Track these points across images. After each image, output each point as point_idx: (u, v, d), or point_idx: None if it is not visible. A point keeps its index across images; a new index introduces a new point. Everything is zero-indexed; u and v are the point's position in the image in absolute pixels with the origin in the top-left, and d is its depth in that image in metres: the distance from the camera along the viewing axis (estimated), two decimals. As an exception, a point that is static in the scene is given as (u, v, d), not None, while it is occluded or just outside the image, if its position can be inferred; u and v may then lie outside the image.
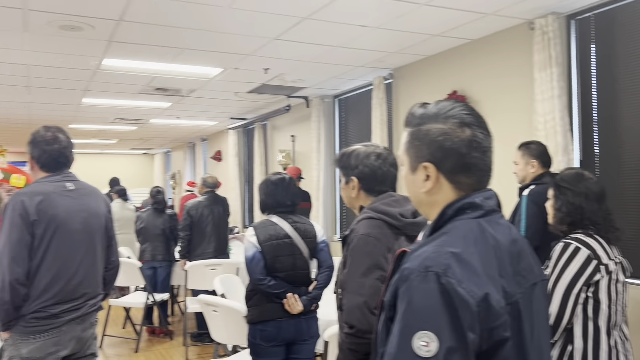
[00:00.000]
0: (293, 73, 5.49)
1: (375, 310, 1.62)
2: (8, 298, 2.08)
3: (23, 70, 5.25)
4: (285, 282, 2.64)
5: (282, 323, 2.61)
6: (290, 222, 2.73)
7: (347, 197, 1.88)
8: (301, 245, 2.69)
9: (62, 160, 2.32)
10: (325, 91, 6.50)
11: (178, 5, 3.50)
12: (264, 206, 2.82)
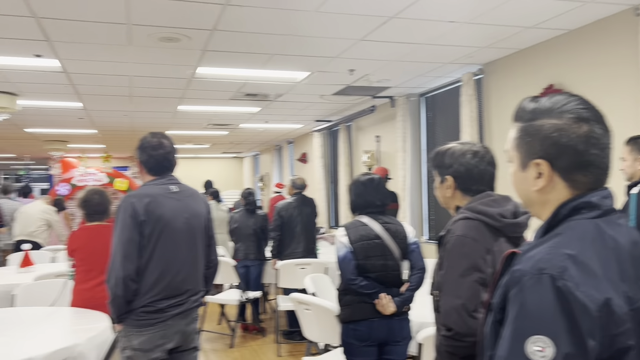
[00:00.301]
0: (378, 73, 5.47)
1: (474, 313, 1.58)
2: (121, 293, 2.25)
3: (126, 81, 5.66)
4: (376, 283, 2.64)
5: (374, 323, 2.61)
6: (381, 223, 2.72)
7: (442, 196, 1.85)
8: (392, 246, 2.68)
9: (167, 164, 2.48)
10: (411, 90, 6.41)
11: (268, 13, 3.61)
12: (354, 206, 2.84)
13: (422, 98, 6.69)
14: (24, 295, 3.80)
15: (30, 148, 12.17)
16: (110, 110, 7.40)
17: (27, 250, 5.06)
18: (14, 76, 5.22)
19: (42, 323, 2.91)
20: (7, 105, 5.87)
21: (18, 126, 8.68)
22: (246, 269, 5.58)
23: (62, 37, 4.04)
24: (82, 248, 3.48)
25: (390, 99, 6.71)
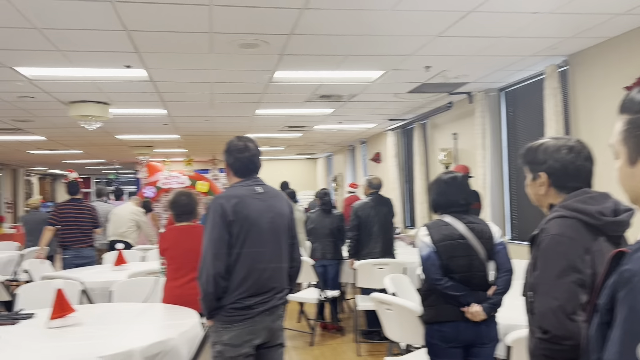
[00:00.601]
0: (456, 69, 5.35)
1: (573, 316, 1.51)
2: (212, 290, 2.36)
3: (207, 88, 5.90)
4: (461, 285, 2.58)
5: (459, 325, 2.56)
6: (465, 222, 2.66)
7: (535, 194, 1.78)
8: (477, 247, 2.61)
9: (252, 166, 2.57)
10: (490, 85, 6.22)
11: (343, 14, 3.64)
12: (435, 206, 2.80)
13: (502, 93, 6.46)
14: (119, 291, 4.06)
15: (120, 153, 12.97)
16: (192, 116, 7.74)
17: (120, 250, 5.40)
18: (106, 86, 5.59)
19: (137, 318, 3.10)
20: (100, 114, 6.30)
21: (109, 133, 9.28)
22: (324, 268, 5.64)
23: (149, 48, 4.28)
24: (172, 247, 3.67)
25: (467, 95, 6.55)
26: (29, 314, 3.16)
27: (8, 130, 8.50)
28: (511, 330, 2.51)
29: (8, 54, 4.28)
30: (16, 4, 3.24)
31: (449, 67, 5.28)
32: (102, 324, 2.97)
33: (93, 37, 3.94)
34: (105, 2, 3.25)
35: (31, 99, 6.05)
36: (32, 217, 8.04)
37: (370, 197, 5.45)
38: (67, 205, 5.97)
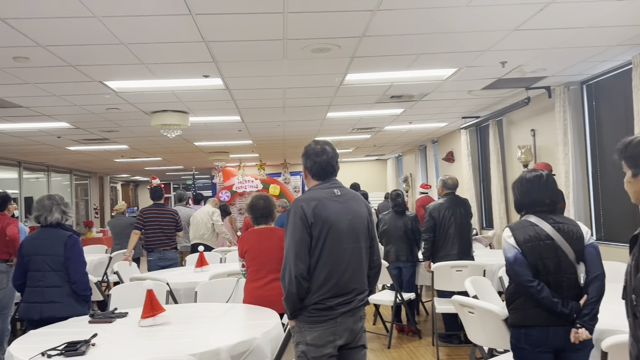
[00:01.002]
0: (533, 63, 5.14)
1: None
2: (294, 290, 2.41)
3: (280, 94, 6.02)
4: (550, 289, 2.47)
5: (549, 329, 2.46)
6: (551, 223, 2.55)
7: (635, 191, 1.68)
8: (565, 248, 2.49)
9: (329, 169, 2.60)
10: (571, 78, 5.92)
11: (415, 14, 3.60)
12: (519, 206, 2.70)
13: (584, 86, 6.14)
14: (202, 292, 4.23)
15: (197, 159, 13.51)
16: (265, 121, 7.93)
17: (202, 252, 5.63)
18: (185, 96, 5.85)
19: (222, 318, 3.21)
20: (180, 123, 6.60)
21: (188, 140, 9.70)
22: (398, 270, 5.60)
23: (226, 58, 4.44)
24: (252, 249, 3.78)
25: (546, 89, 6.27)
26: (124, 313, 3.36)
27: (96, 140, 9.10)
28: (606, 335, 2.38)
29: (98, 69, 4.59)
30: (106, 23, 3.47)
31: (526, 62, 5.09)
32: (189, 323, 3.12)
33: (174, 50, 4.14)
34: (186, 15, 3.41)
35: (117, 110, 6.44)
36: (118, 222, 8.53)
37: (445, 197, 5.35)
38: (151, 210, 6.30)
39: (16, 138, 8.40)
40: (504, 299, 3.80)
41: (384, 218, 5.88)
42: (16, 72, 4.55)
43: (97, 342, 2.73)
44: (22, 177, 12.03)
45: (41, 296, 3.51)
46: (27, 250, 3.60)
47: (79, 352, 2.51)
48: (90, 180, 16.33)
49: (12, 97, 5.46)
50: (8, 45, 3.83)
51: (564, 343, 2.46)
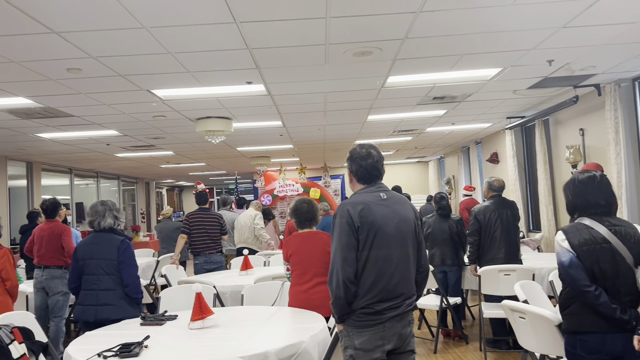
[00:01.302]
0: (582, 60, 4.99)
1: None
2: (342, 294, 2.41)
3: (321, 98, 6.05)
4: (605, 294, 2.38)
5: (606, 336, 2.37)
6: (607, 225, 2.46)
7: None
8: (623, 252, 2.40)
9: (375, 173, 2.60)
10: (622, 74, 5.71)
11: (459, 14, 3.56)
12: (572, 208, 2.62)
13: (636, 82, 5.90)
14: (248, 295, 4.28)
15: (239, 164, 13.72)
16: (305, 125, 7.98)
17: (246, 255, 5.71)
18: (229, 102, 5.95)
19: (268, 321, 3.25)
20: (224, 129, 6.72)
21: (231, 146, 9.86)
22: (444, 274, 5.52)
23: (268, 64, 4.50)
24: (296, 253, 3.81)
25: (595, 87, 6.06)
26: (173, 316, 3.45)
27: (142, 147, 9.37)
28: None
29: (146, 78, 4.73)
30: (154, 33, 3.57)
31: (574, 59, 4.94)
32: (236, 326, 3.16)
33: (219, 57, 4.22)
34: (230, 23, 3.47)
35: (163, 117, 6.61)
36: (165, 226, 8.74)
37: (491, 200, 5.24)
38: (196, 214, 6.43)
39: (68, 146, 8.74)
40: (555, 303, 3.69)
41: (428, 221, 5.81)
42: (69, 83, 4.74)
43: (150, 344, 2.81)
44: (73, 183, 12.51)
45: (96, 299, 3.64)
46: (81, 255, 3.74)
47: (132, 353, 2.59)
48: (137, 185, 16.82)
49: (65, 106, 5.69)
50: (62, 58, 4.00)
51: (623, 350, 2.37)
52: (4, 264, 4.16)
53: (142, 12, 3.18)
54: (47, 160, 10.74)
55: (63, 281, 5.30)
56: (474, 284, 5.40)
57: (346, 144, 10.81)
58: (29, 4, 2.98)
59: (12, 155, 9.64)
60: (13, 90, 4.88)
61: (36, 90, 4.92)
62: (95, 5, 3.04)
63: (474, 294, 7.20)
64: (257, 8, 3.24)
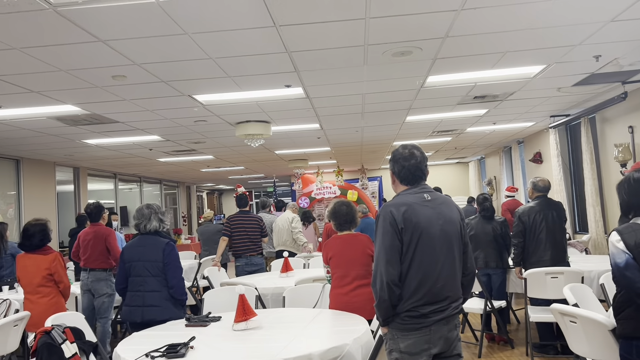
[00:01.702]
0: (631, 55, 4.80)
1: None
2: (386, 297, 2.38)
3: (359, 99, 6.03)
4: None
5: (665, 341, 2.26)
6: (665, 225, 2.35)
7: None
8: (683, 252, 2.29)
9: (418, 174, 2.56)
10: (675, 69, 5.46)
11: (502, 10, 3.48)
12: (626, 208, 2.52)
13: (690, 76, 5.64)
14: (290, 297, 4.30)
15: (278, 167, 13.83)
16: (343, 127, 7.97)
17: (286, 257, 5.73)
18: (268, 106, 6.00)
19: (311, 323, 3.24)
20: (263, 132, 6.78)
21: (269, 149, 9.95)
22: (488, 277, 5.40)
23: (307, 67, 4.51)
24: (336, 256, 3.79)
25: (645, 82, 5.83)
26: (217, 317, 3.49)
27: (184, 152, 9.56)
28: None
29: (188, 84, 4.82)
30: (196, 39, 3.64)
31: (623, 54, 4.75)
32: (279, 328, 3.17)
33: (258, 61, 4.26)
34: (270, 27, 3.50)
35: (204, 122, 6.73)
36: (206, 229, 8.88)
37: (536, 200, 5.10)
38: (237, 217, 6.50)
39: (113, 152, 9.00)
40: (606, 307, 3.56)
41: (470, 223, 5.70)
42: (114, 90, 4.88)
43: (195, 344, 2.85)
44: (117, 188, 12.88)
45: (142, 300, 3.72)
46: (128, 257, 3.84)
47: (179, 354, 2.63)
48: (178, 189, 17.17)
49: (110, 113, 5.87)
50: (108, 65, 4.12)
51: (685, 357, 2.26)
52: (55, 267, 4.31)
53: (185, 18, 3.25)
54: (93, 166, 11.10)
55: (108, 283, 5.44)
56: (519, 287, 5.26)
57: (384, 146, 10.74)
58: (77, 14, 3.08)
59: (60, 161, 10.01)
60: (61, 98, 5.05)
61: (83, 98, 5.08)
62: (140, 13, 3.12)
63: (518, 297, 7.01)
64: (296, 11, 3.26)
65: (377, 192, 15.72)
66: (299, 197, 14.90)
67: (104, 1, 2.93)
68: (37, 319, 4.13)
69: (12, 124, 6.11)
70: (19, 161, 9.03)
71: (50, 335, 2.98)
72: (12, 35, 3.36)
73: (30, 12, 3.02)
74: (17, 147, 7.89)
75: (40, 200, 9.54)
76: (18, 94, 4.78)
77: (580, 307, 3.16)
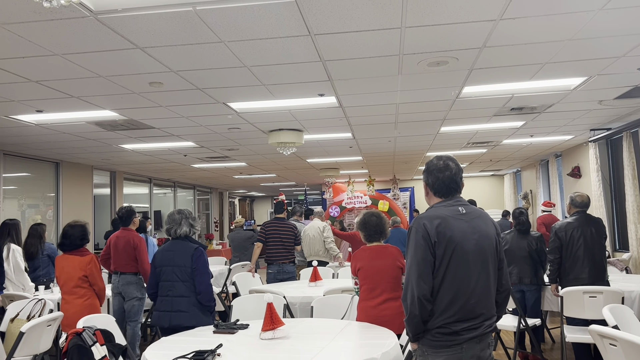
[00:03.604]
0: (679, 68, 4.61)
1: None
2: (417, 312, 2.31)
3: (392, 109, 5.97)
4: None
5: None
6: None
7: None
8: None
9: (453, 186, 2.49)
10: None
11: (542, 21, 3.39)
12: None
13: None
14: (317, 307, 4.26)
15: (309, 175, 13.85)
16: (376, 137, 7.92)
17: (315, 267, 5.70)
18: (301, 114, 6.01)
19: (339, 335, 3.19)
20: (295, 140, 6.79)
21: (301, 157, 9.97)
22: (522, 293, 5.24)
23: (341, 76, 4.49)
24: (365, 267, 3.74)
25: (693, 96, 5.60)
26: (245, 325, 3.48)
27: (217, 158, 9.67)
28: None
29: (223, 92, 4.87)
30: (232, 47, 3.67)
31: (670, 66, 4.58)
32: (307, 338, 3.14)
33: (292, 70, 4.27)
34: (305, 36, 3.50)
35: (238, 129, 6.78)
36: (237, 235, 8.93)
37: (574, 216, 4.93)
38: (272, 223, 6.51)
39: (148, 157, 9.18)
40: (649, 331, 3.39)
41: (505, 237, 5.55)
42: (151, 96, 4.96)
43: (222, 352, 2.84)
44: (152, 192, 13.11)
45: (170, 305, 3.75)
46: (159, 261, 3.87)
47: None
48: (211, 195, 17.38)
49: (147, 119, 5.98)
50: (146, 72, 4.19)
51: None
52: (90, 270, 4.38)
53: (221, 26, 3.27)
54: (129, 170, 11.33)
55: (138, 287, 5.49)
56: (555, 305, 5.09)
57: (417, 156, 10.63)
58: (117, 21, 3.14)
59: (98, 165, 10.26)
60: (100, 104, 5.17)
61: (121, 103, 5.19)
62: (177, 20, 3.17)
63: (553, 316, 6.79)
64: (332, 20, 3.24)
65: (409, 203, 15.55)
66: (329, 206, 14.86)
67: (142, 9, 2.98)
68: (72, 320, 4.20)
69: (52, 127, 6.29)
70: (58, 164, 9.29)
71: (81, 337, 3.02)
72: (55, 42, 3.45)
73: (72, 20, 3.09)
74: (57, 150, 8.12)
75: (78, 203, 9.79)
76: (59, 98, 4.91)
77: (620, 329, 3.03)
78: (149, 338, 6.57)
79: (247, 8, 3.02)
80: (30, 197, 8.76)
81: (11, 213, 8.04)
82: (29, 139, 7.00)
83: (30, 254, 5.92)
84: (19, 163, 8.40)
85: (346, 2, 2.99)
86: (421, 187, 2.63)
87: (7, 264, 5.36)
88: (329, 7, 3.06)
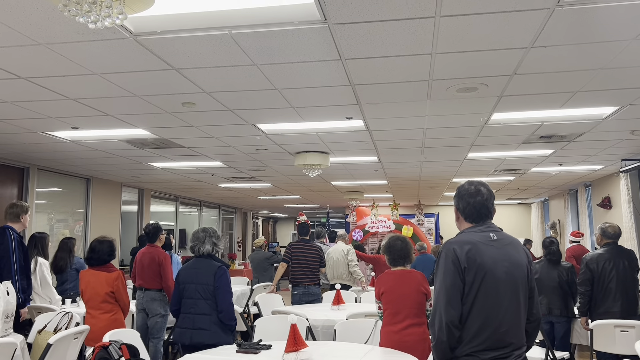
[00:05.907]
0: None
1: None
2: (445, 338, 2.28)
3: (420, 134, 5.98)
4: None
5: None
6: None
7: None
8: None
9: (484, 211, 2.47)
10: None
11: (574, 49, 3.37)
12: None
13: None
14: (340, 330, 4.23)
15: (333, 198, 13.86)
16: (402, 162, 7.91)
17: (338, 290, 5.66)
18: (328, 137, 6.06)
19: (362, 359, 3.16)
20: (321, 163, 6.83)
21: (326, 180, 10.00)
22: (550, 325, 5.11)
23: (369, 100, 4.53)
24: (389, 292, 3.71)
25: None
26: (268, 345, 3.47)
27: (244, 178, 9.76)
28: None
29: (252, 113, 4.95)
30: (264, 70, 3.74)
31: None
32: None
33: (322, 93, 4.32)
34: (336, 60, 3.55)
35: (265, 150, 6.86)
36: (256, 256, 8.96)
37: (605, 247, 4.83)
38: (298, 244, 6.52)
39: (176, 175, 9.32)
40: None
41: (535, 266, 5.45)
42: (183, 116, 5.07)
43: (246, 372, 2.84)
44: (178, 210, 13.28)
45: (192, 323, 3.77)
46: (183, 279, 3.91)
47: (230, 380, 2.62)
48: (235, 215, 17.50)
49: (177, 138, 6.10)
50: (179, 92, 4.30)
51: None
52: (117, 286, 4.44)
53: (255, 49, 3.35)
54: (156, 188, 11.52)
55: (161, 303, 5.52)
56: (584, 339, 4.95)
57: (443, 182, 10.56)
58: (155, 43, 3.24)
59: (127, 182, 10.46)
60: (134, 122, 5.31)
61: (153, 122, 5.32)
62: (213, 43, 3.25)
63: (582, 350, 6.58)
64: (364, 45, 3.29)
65: (434, 229, 15.38)
66: (352, 230, 14.81)
67: (180, 31, 3.08)
68: (97, 334, 4.25)
69: (85, 144, 6.46)
70: (89, 180, 9.51)
71: (107, 351, 3.06)
72: (95, 62, 3.58)
73: (113, 40, 3.21)
74: (88, 166, 8.32)
75: (106, 219, 9.97)
76: (94, 116, 5.06)
77: (656, 366, 2.92)
78: (169, 356, 6.58)
79: (281, 32, 3.09)
80: (60, 211, 8.96)
81: (40, 227, 8.22)
82: (63, 154, 7.19)
83: (59, 268, 6.04)
84: (51, 178, 8.62)
85: (378, 28, 3.04)
86: (446, 213, 2.60)
87: (34, 277, 5.46)
88: (361, 33, 3.11)
